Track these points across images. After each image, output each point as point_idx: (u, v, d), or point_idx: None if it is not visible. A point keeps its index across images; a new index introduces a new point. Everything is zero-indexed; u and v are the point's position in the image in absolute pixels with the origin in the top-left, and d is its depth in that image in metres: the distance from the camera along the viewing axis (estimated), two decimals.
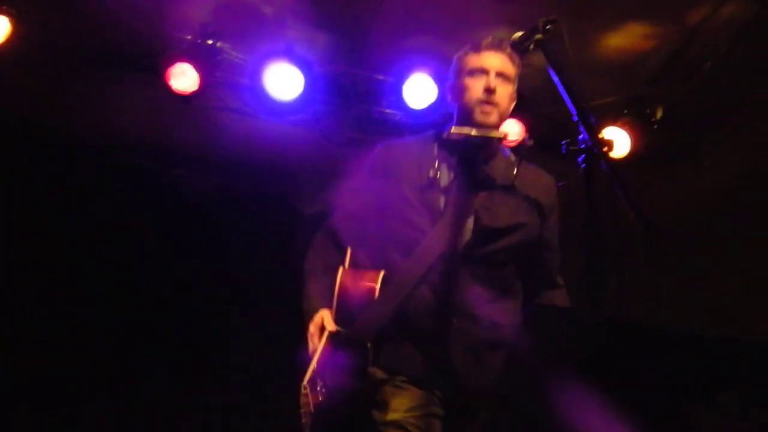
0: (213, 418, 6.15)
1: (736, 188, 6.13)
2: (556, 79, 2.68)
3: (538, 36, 2.83)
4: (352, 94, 5.79)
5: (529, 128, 5.49)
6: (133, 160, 6.22)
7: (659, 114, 5.88)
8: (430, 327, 3.00)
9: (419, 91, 5.50)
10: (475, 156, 3.19)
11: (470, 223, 3.08)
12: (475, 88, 3.16)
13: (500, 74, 3.17)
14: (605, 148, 2.54)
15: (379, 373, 3.04)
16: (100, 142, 5.97)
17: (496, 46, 3.21)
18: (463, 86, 3.21)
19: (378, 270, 3.09)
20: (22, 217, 5.96)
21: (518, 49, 3.02)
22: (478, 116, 3.14)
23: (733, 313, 6.64)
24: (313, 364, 3.08)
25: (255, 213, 6.53)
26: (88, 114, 5.65)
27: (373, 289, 3.04)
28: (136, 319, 6.13)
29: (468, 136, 3.11)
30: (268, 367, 6.01)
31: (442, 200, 3.12)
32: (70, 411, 5.87)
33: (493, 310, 3.05)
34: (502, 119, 3.19)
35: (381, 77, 5.70)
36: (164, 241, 6.31)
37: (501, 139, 3.19)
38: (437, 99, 5.47)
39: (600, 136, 2.58)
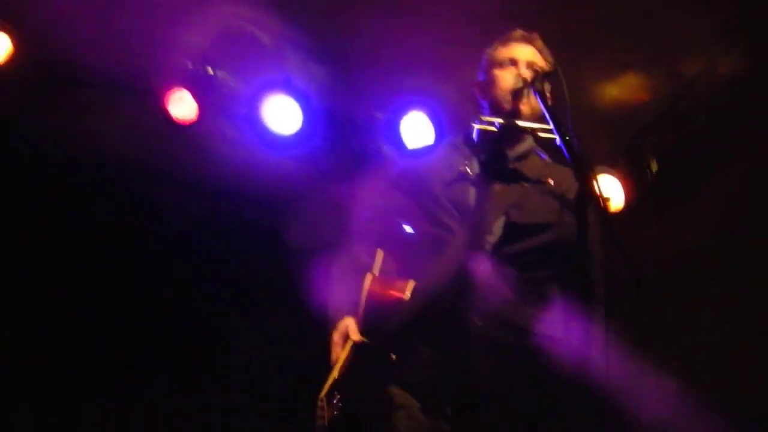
0: (213, 418, 6.13)
1: (722, 242, 6.17)
2: (553, 127, 2.69)
3: (537, 83, 2.87)
4: (350, 130, 5.81)
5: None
6: (126, 182, 6.20)
7: (654, 166, 5.92)
8: (450, 328, 2.88)
9: (416, 128, 5.52)
10: (503, 148, 3.14)
11: (499, 218, 2.98)
12: (505, 78, 3.12)
13: (531, 65, 3.13)
14: (602, 202, 2.54)
15: (397, 394, 2.92)
16: (92, 162, 5.95)
17: (525, 38, 3.21)
18: (493, 78, 3.17)
19: (407, 279, 2.96)
20: (21, 218, 6.00)
21: (516, 96, 3.05)
22: (508, 106, 3.09)
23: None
24: (334, 375, 2.98)
25: (246, 243, 6.51)
26: (81, 134, 5.63)
27: (401, 299, 2.92)
28: (135, 319, 6.13)
29: (494, 124, 3.08)
30: (268, 367, 6.02)
31: (472, 194, 3.04)
32: (70, 411, 5.86)
33: (522, 315, 2.93)
34: (534, 113, 3.07)
35: (379, 114, 5.72)
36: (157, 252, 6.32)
37: (533, 134, 3.11)
38: (435, 136, 5.49)
39: (598, 189, 2.57)
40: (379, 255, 3.19)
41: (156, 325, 6.14)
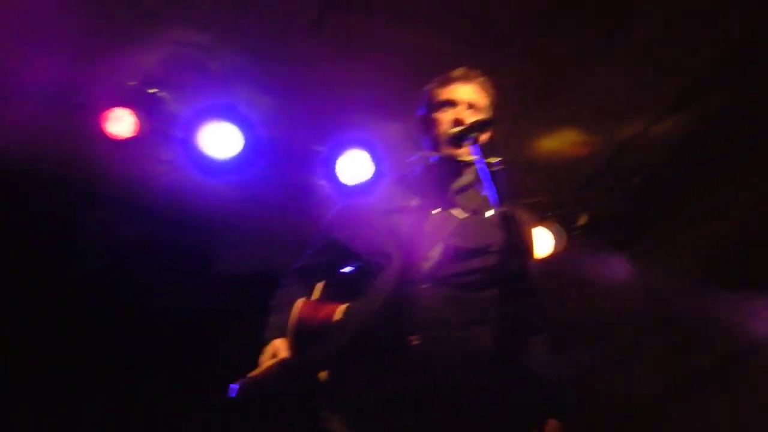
0: (213, 418, 6.06)
1: (649, 300, 6.30)
2: (486, 178, 2.72)
3: (473, 134, 2.90)
4: (289, 161, 5.79)
5: None
6: (58, 197, 6.09)
7: (583, 220, 6.03)
8: (386, 349, 2.84)
9: (354, 165, 5.53)
10: (443, 181, 3.15)
11: (437, 243, 2.98)
12: (444, 120, 3.13)
13: (470, 105, 3.16)
14: (523, 252, 2.57)
15: (327, 418, 2.89)
16: (24, 177, 5.83)
17: (465, 77, 3.22)
18: (433, 120, 3.18)
19: (342, 303, 2.98)
20: None
21: (454, 143, 3.08)
22: (445, 147, 3.12)
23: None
24: (244, 384, 2.96)
25: (176, 268, 6.43)
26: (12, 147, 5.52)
27: (332, 319, 2.92)
28: (135, 320, 6.13)
29: (431, 158, 3.13)
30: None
31: (410, 225, 3.05)
32: (71, 411, 5.83)
33: (461, 337, 2.89)
34: (470, 150, 3.05)
35: (320, 147, 5.72)
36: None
37: (472, 167, 3.10)
38: (372, 175, 5.50)
39: (520, 238, 2.61)
40: (318, 287, 3.20)
41: (155, 326, 6.18)
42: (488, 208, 3.09)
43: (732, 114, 5.11)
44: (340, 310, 2.95)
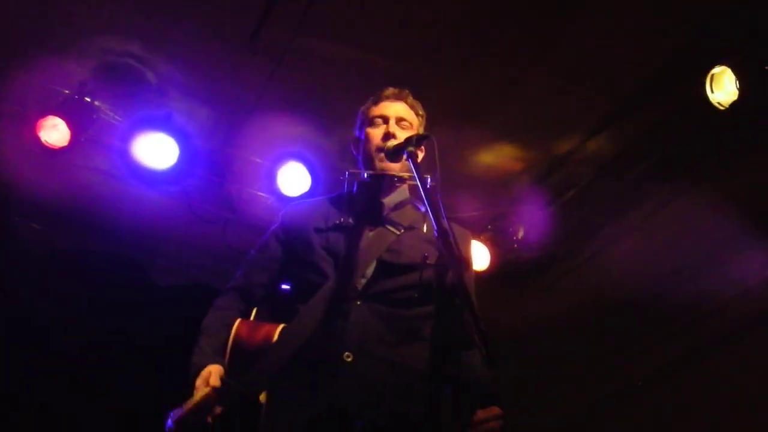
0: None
1: (580, 311, 6.41)
2: (421, 192, 2.74)
3: (411, 148, 2.92)
4: (226, 172, 5.77)
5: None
6: None
7: (520, 234, 6.11)
8: (322, 366, 2.81)
9: (293, 178, 5.54)
10: (376, 198, 3.16)
11: (371, 259, 2.99)
12: (375, 135, 3.17)
13: (400, 120, 3.20)
14: (460, 266, 2.60)
15: None
16: None
17: (396, 95, 3.26)
18: (365, 136, 3.22)
19: (278, 323, 2.93)
20: None
21: (391, 158, 3.10)
22: (378, 164, 3.14)
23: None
24: (181, 417, 2.82)
25: (110, 278, 6.33)
26: None
27: (270, 339, 2.86)
28: (68, 330, 6.00)
29: (362, 175, 3.14)
30: None
31: (344, 242, 3.04)
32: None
33: (395, 353, 2.88)
34: (404, 168, 3.12)
35: (258, 160, 5.71)
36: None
37: (407, 185, 3.17)
38: (310, 188, 5.51)
39: (457, 252, 2.63)
40: (256, 309, 3.16)
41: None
42: (423, 224, 3.13)
43: (662, 131, 5.23)
44: (277, 331, 2.90)
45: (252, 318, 3.13)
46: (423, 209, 3.23)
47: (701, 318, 6.08)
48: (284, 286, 3.16)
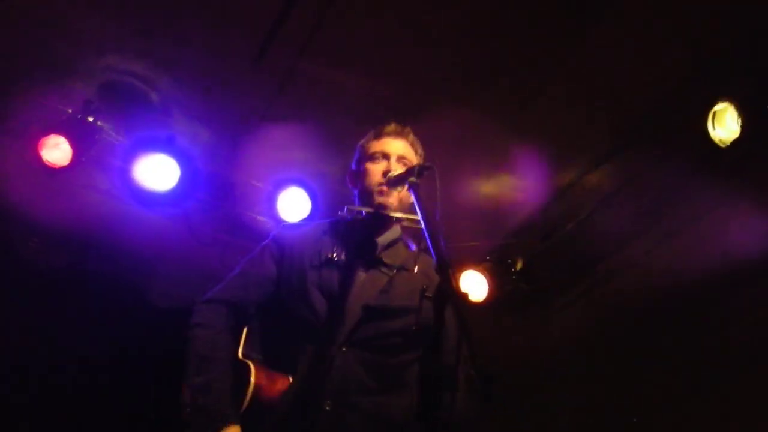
0: None
1: (579, 343, 6.39)
2: (423, 222, 2.73)
3: (412, 179, 2.92)
4: (227, 196, 5.77)
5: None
6: None
7: (519, 265, 6.10)
8: (305, 414, 2.79)
9: (293, 203, 5.54)
10: (370, 236, 3.16)
11: (358, 302, 2.98)
12: (375, 171, 3.17)
13: (401, 158, 3.21)
14: (459, 299, 2.59)
15: None
16: None
17: (398, 133, 3.27)
18: (364, 171, 3.22)
19: (287, 375, 2.93)
20: None
21: (390, 185, 3.11)
22: (377, 198, 3.14)
23: None
24: None
25: (108, 299, 6.31)
26: None
27: (284, 391, 2.89)
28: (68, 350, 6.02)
29: (362, 213, 3.14)
30: None
31: (337, 282, 3.03)
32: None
33: (376, 402, 2.88)
34: (402, 204, 3.16)
35: (258, 184, 5.71)
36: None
37: (400, 224, 3.18)
38: (310, 214, 5.52)
39: (456, 285, 2.62)
40: (246, 330, 3.13)
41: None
42: (414, 264, 3.13)
43: (663, 166, 5.24)
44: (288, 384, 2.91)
45: (243, 340, 3.09)
46: (414, 248, 3.25)
47: (700, 352, 6.05)
48: (277, 315, 3.12)
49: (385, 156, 3.21)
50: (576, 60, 4.74)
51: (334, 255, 3.09)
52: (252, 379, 2.91)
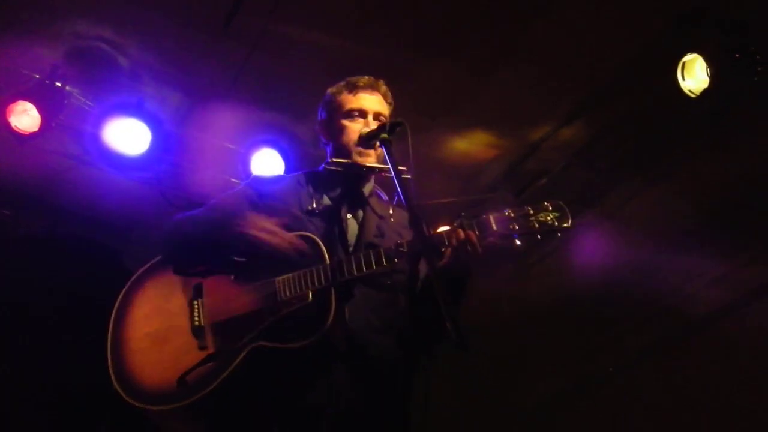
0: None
1: (550, 300, 6.47)
2: (395, 179, 2.74)
3: (384, 135, 2.92)
4: (199, 158, 5.74)
5: None
6: None
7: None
8: (314, 356, 2.74)
9: (266, 164, 5.53)
10: (355, 184, 3.16)
11: (361, 240, 2.98)
12: (353, 130, 3.14)
13: (378, 115, 3.19)
14: (433, 254, 2.61)
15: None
16: None
17: (372, 86, 3.24)
18: (341, 127, 3.18)
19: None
20: None
21: (364, 145, 3.10)
22: (356, 158, 3.12)
23: None
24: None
25: (82, 264, 6.28)
26: None
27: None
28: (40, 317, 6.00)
29: (348, 164, 3.11)
30: None
31: (329, 225, 3.01)
32: None
33: (379, 342, 2.87)
34: (380, 159, 3.13)
35: (231, 146, 5.69)
36: None
37: (378, 174, 3.16)
38: (286, 172, 5.51)
39: (429, 241, 2.65)
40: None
41: None
42: (389, 213, 3.15)
43: (634, 119, 5.27)
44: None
45: None
46: (386, 199, 3.27)
47: (674, 306, 6.14)
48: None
49: (362, 114, 3.18)
50: (547, 18, 4.74)
51: (315, 205, 3.08)
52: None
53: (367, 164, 3.13)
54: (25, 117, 5.09)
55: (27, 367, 5.97)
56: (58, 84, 5.16)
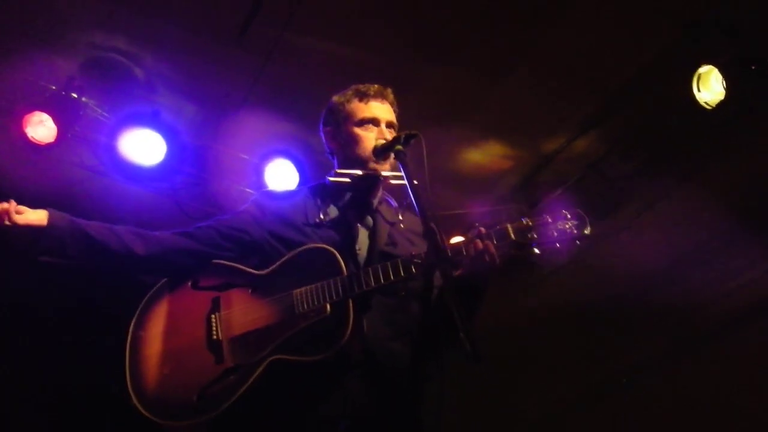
0: None
1: (567, 309, 6.43)
2: (410, 191, 2.73)
3: (399, 147, 2.91)
4: (214, 169, 5.75)
5: None
6: None
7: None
8: (331, 368, 2.74)
9: (280, 174, 5.53)
10: (366, 193, 3.16)
11: (374, 250, 2.98)
12: (369, 139, 3.13)
13: (390, 125, 3.18)
14: (447, 266, 2.59)
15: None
16: None
17: (381, 95, 3.23)
18: (354, 136, 3.16)
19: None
20: None
21: (380, 156, 3.10)
22: (371, 165, 3.10)
23: None
24: None
25: (96, 275, 6.27)
26: None
27: None
28: (54, 330, 6.02)
29: (357, 176, 3.10)
30: None
31: (335, 235, 3.00)
32: None
33: (393, 350, 2.86)
34: (392, 169, 3.12)
35: (245, 156, 5.70)
36: None
37: (386, 182, 3.15)
38: (298, 184, 5.51)
39: (443, 254, 2.63)
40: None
41: None
42: (399, 220, 3.14)
43: (649, 130, 5.25)
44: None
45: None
46: (395, 205, 3.26)
47: (688, 316, 6.10)
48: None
49: (375, 122, 3.17)
50: (563, 26, 4.73)
51: (323, 217, 3.08)
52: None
53: (383, 174, 3.12)
54: (42, 128, 5.11)
55: (27, 368, 5.97)
56: (74, 95, 5.18)
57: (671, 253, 5.89)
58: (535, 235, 2.78)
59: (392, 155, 3.00)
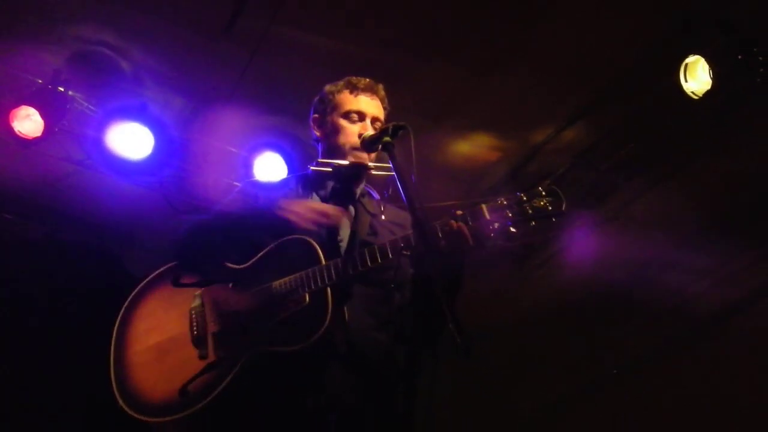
0: None
1: (555, 300, 6.46)
2: (398, 182, 2.73)
3: (387, 138, 2.90)
4: (203, 162, 5.74)
5: None
6: None
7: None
8: (314, 358, 2.73)
9: (269, 167, 5.53)
10: (349, 182, 3.16)
11: (355, 239, 2.97)
12: (351, 132, 3.14)
13: (375, 120, 3.19)
14: (438, 257, 2.60)
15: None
16: None
17: (372, 90, 3.24)
18: (338, 126, 3.18)
19: None
20: None
21: (367, 148, 3.10)
22: (351, 158, 3.11)
23: None
24: None
25: (85, 269, 6.28)
26: None
27: None
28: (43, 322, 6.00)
29: (340, 165, 3.10)
30: None
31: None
32: None
33: (376, 339, 2.87)
34: (373, 160, 3.14)
35: (233, 149, 5.69)
36: None
37: (369, 173, 3.16)
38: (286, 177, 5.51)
39: (435, 244, 2.63)
40: None
41: None
42: (380, 212, 3.15)
43: (637, 120, 5.27)
44: None
45: None
46: (377, 197, 3.27)
47: (672, 309, 6.13)
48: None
49: (361, 116, 3.18)
50: (550, 19, 4.74)
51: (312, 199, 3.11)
52: None
53: (369, 165, 3.13)
54: (28, 122, 5.10)
55: (27, 368, 5.97)
56: (61, 89, 5.17)
57: (660, 243, 5.91)
58: (510, 214, 2.75)
59: (379, 147, 3.00)
